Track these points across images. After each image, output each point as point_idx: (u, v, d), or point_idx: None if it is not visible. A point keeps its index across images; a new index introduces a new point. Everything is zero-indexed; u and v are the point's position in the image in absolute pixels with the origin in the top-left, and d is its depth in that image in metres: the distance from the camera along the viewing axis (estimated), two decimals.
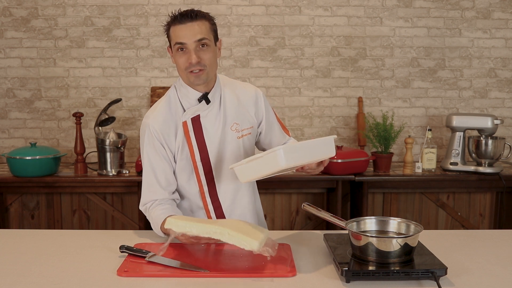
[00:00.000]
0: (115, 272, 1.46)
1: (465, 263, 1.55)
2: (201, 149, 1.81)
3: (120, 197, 3.17)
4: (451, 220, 3.27)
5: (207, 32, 1.73)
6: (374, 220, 1.61)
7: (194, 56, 1.70)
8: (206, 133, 1.81)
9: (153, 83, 3.48)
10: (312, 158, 1.64)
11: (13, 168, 3.00)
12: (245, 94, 1.90)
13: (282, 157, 1.50)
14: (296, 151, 1.57)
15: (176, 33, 1.72)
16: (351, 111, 3.57)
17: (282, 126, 2.03)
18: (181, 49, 1.72)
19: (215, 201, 1.87)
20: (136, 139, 3.52)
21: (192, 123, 1.80)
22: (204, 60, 1.72)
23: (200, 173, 1.83)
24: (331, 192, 3.23)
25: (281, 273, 1.45)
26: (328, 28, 3.49)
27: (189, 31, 1.70)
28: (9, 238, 1.79)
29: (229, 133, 1.84)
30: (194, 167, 1.82)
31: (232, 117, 1.85)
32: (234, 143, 1.84)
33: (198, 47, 1.71)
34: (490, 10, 3.51)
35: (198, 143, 1.81)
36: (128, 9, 3.44)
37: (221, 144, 1.83)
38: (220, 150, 1.83)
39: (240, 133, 1.85)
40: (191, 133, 1.80)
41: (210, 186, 1.85)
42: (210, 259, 1.58)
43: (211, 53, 1.74)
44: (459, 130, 3.20)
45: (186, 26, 1.70)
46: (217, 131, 1.82)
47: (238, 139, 1.85)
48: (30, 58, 3.46)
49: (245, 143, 1.87)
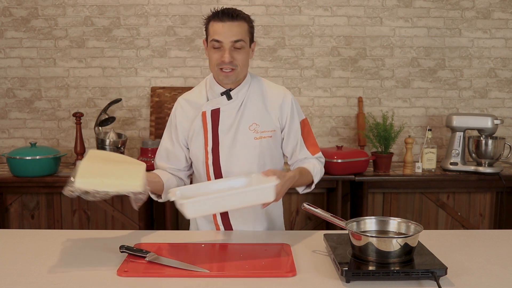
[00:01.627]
0: (115, 272, 1.46)
1: (465, 263, 1.55)
2: (214, 141, 1.86)
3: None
4: (451, 220, 3.27)
5: (245, 34, 1.77)
6: (374, 220, 1.61)
7: (227, 56, 1.75)
8: (221, 127, 1.85)
9: (153, 83, 3.48)
10: (239, 205, 1.63)
11: (13, 168, 3.00)
12: (272, 96, 1.89)
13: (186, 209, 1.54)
14: (204, 204, 1.57)
15: (215, 29, 1.75)
16: (351, 111, 3.57)
17: (309, 143, 1.95)
18: (216, 46, 1.76)
19: None
20: (136, 139, 3.52)
21: (211, 114, 1.86)
22: (237, 60, 1.77)
23: (209, 164, 1.87)
24: (331, 192, 3.23)
25: (281, 273, 1.45)
26: (328, 28, 3.49)
27: (227, 30, 1.74)
28: (9, 238, 1.79)
29: (246, 132, 1.85)
30: (206, 157, 1.88)
31: (253, 117, 1.86)
32: (249, 143, 1.85)
33: (233, 47, 1.75)
34: (490, 10, 3.51)
35: (213, 134, 1.86)
36: (128, 9, 3.44)
37: (234, 141, 1.85)
38: (233, 146, 1.85)
39: (259, 134, 1.86)
40: (208, 124, 1.86)
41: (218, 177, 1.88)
42: (210, 259, 1.58)
43: (244, 54, 1.78)
44: (459, 130, 3.20)
45: (226, 25, 1.74)
46: (232, 127, 1.85)
47: (255, 139, 1.85)
48: (30, 58, 3.46)
49: (263, 145, 1.87)
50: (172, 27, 3.45)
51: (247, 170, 1.85)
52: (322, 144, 3.56)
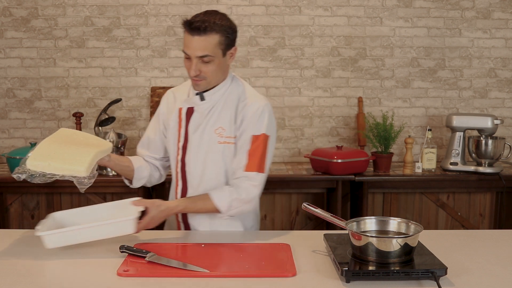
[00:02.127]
0: (115, 272, 1.46)
1: (465, 263, 1.55)
2: (185, 139, 1.91)
3: (120, 197, 3.13)
4: (451, 220, 3.27)
5: (213, 48, 1.75)
6: (374, 220, 1.61)
7: (193, 69, 1.78)
8: (191, 126, 1.89)
9: (153, 83, 3.48)
10: (99, 237, 1.65)
11: (13, 168, 2.99)
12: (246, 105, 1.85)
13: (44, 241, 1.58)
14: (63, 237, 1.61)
15: (185, 40, 1.79)
16: (351, 111, 3.57)
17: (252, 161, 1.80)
18: (187, 57, 1.80)
19: (184, 193, 1.94)
20: (136, 139, 3.52)
21: (186, 112, 1.91)
22: (204, 73, 1.79)
23: (179, 159, 1.93)
24: (331, 192, 3.23)
25: (281, 273, 1.45)
26: (328, 28, 3.49)
27: (194, 44, 1.75)
28: (9, 238, 1.79)
29: (212, 134, 1.87)
30: (177, 153, 1.93)
31: (221, 121, 1.86)
32: (214, 146, 1.87)
33: (200, 61, 1.76)
34: (490, 10, 3.51)
35: (185, 131, 1.90)
36: (128, 9, 3.44)
37: (200, 141, 1.88)
38: (199, 147, 1.88)
39: (223, 139, 1.86)
40: (182, 121, 1.91)
41: (183, 178, 1.93)
42: (210, 259, 1.58)
43: (213, 66, 1.78)
44: (459, 130, 3.20)
45: (193, 39, 1.75)
46: (199, 127, 1.88)
47: (219, 143, 1.86)
48: (30, 58, 3.46)
49: (226, 150, 1.86)
50: (172, 27, 3.45)
51: (208, 172, 1.88)
52: (322, 144, 3.56)
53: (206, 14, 1.76)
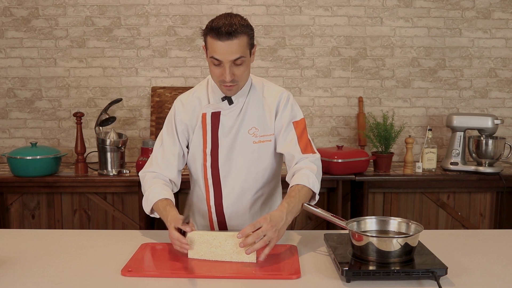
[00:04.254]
0: (118, 272, 1.46)
1: (466, 263, 1.55)
2: (214, 144, 1.85)
3: (121, 197, 3.17)
4: (452, 220, 3.27)
5: (244, 49, 1.70)
6: (374, 220, 1.61)
7: (228, 75, 1.69)
8: (221, 130, 1.84)
9: (154, 83, 3.49)
10: None
11: (14, 168, 3.00)
12: (269, 99, 1.86)
13: None
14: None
15: (213, 47, 1.67)
16: (352, 111, 3.57)
17: (303, 146, 1.85)
18: (216, 63, 1.70)
19: (218, 198, 1.89)
20: (136, 139, 3.52)
21: (211, 116, 1.85)
22: (237, 76, 1.72)
23: (207, 165, 1.87)
24: (332, 192, 3.23)
25: (284, 275, 1.44)
26: (328, 28, 3.49)
27: (226, 49, 1.66)
28: (9, 238, 1.79)
29: (245, 136, 1.84)
30: (204, 159, 1.87)
31: (252, 121, 1.85)
32: (248, 147, 1.85)
33: (233, 64, 1.70)
34: (490, 10, 3.51)
35: (212, 136, 1.85)
36: (129, 9, 3.44)
37: (233, 144, 1.84)
38: (231, 150, 1.84)
39: (258, 138, 1.85)
40: (208, 126, 1.85)
41: (215, 183, 1.88)
42: (215, 261, 1.57)
43: (245, 67, 1.73)
44: (459, 130, 3.20)
45: (224, 44, 1.65)
46: (231, 130, 1.84)
47: (254, 143, 1.85)
48: (30, 58, 3.46)
49: (261, 149, 1.86)
50: (172, 27, 3.45)
51: (244, 173, 1.85)
52: (322, 144, 3.56)
53: (227, 17, 1.69)
